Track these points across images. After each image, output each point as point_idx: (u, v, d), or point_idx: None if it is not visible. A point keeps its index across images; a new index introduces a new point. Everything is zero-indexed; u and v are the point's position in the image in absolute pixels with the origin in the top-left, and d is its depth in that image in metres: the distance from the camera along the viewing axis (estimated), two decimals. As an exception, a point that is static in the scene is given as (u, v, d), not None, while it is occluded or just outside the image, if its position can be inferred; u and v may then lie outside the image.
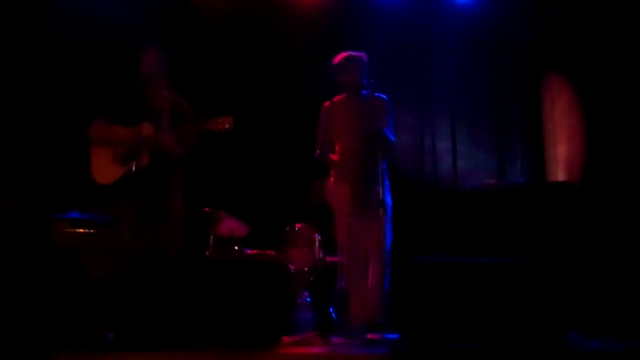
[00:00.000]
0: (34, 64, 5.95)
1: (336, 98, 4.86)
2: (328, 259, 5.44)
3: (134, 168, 4.40)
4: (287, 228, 5.48)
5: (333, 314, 5.02)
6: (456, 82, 6.34)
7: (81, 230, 5.00)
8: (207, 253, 5.40)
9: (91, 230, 5.01)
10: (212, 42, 6.39)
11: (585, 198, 5.15)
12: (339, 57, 4.81)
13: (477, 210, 5.39)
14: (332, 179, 4.90)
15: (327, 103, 4.85)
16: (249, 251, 5.46)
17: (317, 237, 5.41)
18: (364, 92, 4.79)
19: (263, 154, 6.26)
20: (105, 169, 4.50)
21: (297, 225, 5.46)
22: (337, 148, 4.89)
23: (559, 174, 5.87)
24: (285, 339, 4.17)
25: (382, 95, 4.82)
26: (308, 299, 5.18)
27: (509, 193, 5.05)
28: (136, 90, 4.61)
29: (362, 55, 4.80)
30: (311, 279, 5.35)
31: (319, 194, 5.43)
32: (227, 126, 4.33)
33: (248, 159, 6.24)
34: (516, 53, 6.27)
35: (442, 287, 3.69)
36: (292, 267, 5.23)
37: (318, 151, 4.81)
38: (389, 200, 4.71)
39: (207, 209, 5.46)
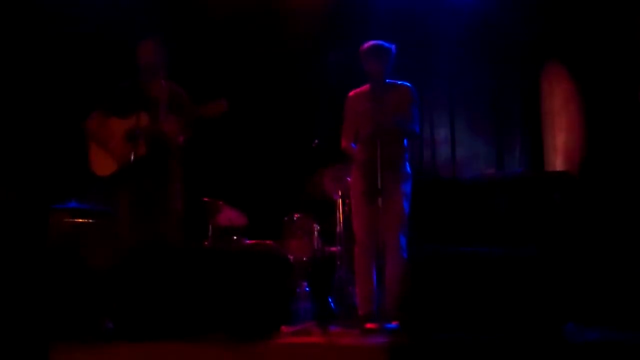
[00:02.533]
0: (32, 56, 5.94)
1: (361, 88, 4.77)
2: (327, 249, 5.45)
3: (132, 158, 4.40)
4: (286, 218, 5.49)
5: (332, 304, 5.04)
6: (455, 72, 6.32)
7: (80, 221, 4.99)
8: (206, 243, 5.41)
9: (90, 221, 5.00)
10: (212, 33, 6.36)
11: (584, 188, 5.15)
12: (366, 46, 4.67)
13: (475, 201, 5.40)
14: (353, 168, 4.81)
15: (351, 93, 4.78)
16: (247, 241, 5.47)
17: (316, 228, 5.42)
18: (387, 81, 4.70)
19: (262, 144, 6.26)
20: (103, 161, 4.50)
21: (296, 216, 5.47)
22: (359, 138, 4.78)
23: (558, 164, 5.87)
24: (284, 328, 4.18)
25: (407, 84, 4.73)
26: (307, 289, 5.19)
27: (507, 183, 5.04)
28: (134, 81, 4.60)
29: (391, 46, 4.66)
30: (310, 269, 5.36)
31: (318, 184, 5.44)
32: (221, 110, 4.31)
33: (247, 150, 6.24)
34: (515, 43, 6.25)
35: (440, 277, 3.69)
36: (291, 257, 5.24)
37: (343, 142, 4.78)
38: (407, 189, 4.62)
39: (206, 199, 5.47)
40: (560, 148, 5.88)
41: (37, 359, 3.56)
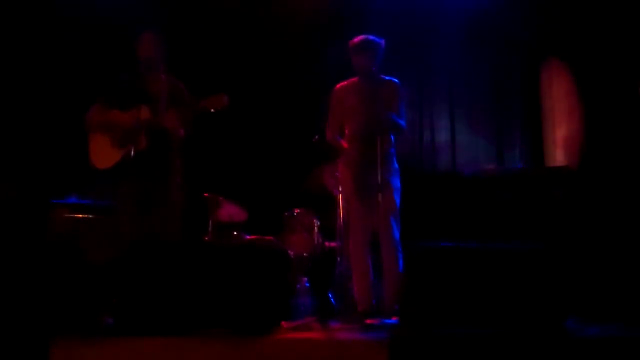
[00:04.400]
0: (33, 49, 5.93)
1: (348, 81, 4.78)
2: (327, 244, 5.45)
3: (132, 152, 4.39)
4: (286, 214, 5.48)
5: (332, 300, 5.03)
6: (455, 67, 6.31)
7: (80, 216, 4.99)
8: (206, 238, 5.41)
9: (90, 216, 5.01)
10: (213, 28, 6.35)
11: (584, 183, 5.16)
12: (356, 40, 4.67)
13: (475, 196, 5.40)
14: (340, 163, 4.83)
15: (338, 86, 4.79)
16: (248, 237, 5.46)
17: (316, 223, 5.42)
18: (380, 76, 4.70)
19: (262, 139, 6.25)
20: (103, 154, 4.49)
21: (296, 211, 5.46)
22: (345, 132, 4.81)
23: (558, 159, 5.87)
24: (285, 324, 4.18)
25: (395, 80, 4.73)
26: (307, 285, 5.19)
27: (507, 178, 5.05)
28: (134, 75, 4.60)
29: (380, 41, 4.65)
30: (310, 264, 5.36)
31: (318, 179, 5.43)
32: (222, 104, 4.30)
33: (247, 145, 6.23)
34: (515, 39, 6.24)
35: (440, 272, 3.69)
36: (291, 252, 5.24)
37: (328, 134, 4.78)
38: (397, 184, 4.65)
39: (206, 194, 5.46)
40: (560, 143, 5.89)
41: (37, 355, 3.56)
